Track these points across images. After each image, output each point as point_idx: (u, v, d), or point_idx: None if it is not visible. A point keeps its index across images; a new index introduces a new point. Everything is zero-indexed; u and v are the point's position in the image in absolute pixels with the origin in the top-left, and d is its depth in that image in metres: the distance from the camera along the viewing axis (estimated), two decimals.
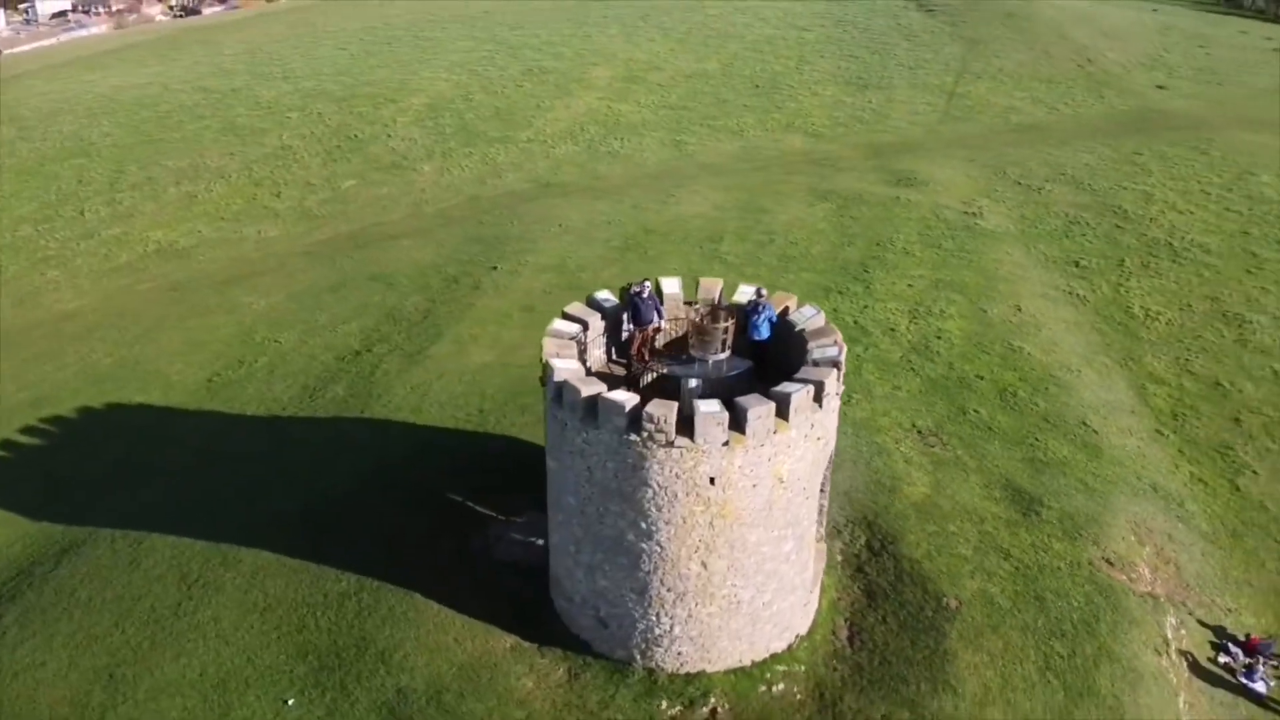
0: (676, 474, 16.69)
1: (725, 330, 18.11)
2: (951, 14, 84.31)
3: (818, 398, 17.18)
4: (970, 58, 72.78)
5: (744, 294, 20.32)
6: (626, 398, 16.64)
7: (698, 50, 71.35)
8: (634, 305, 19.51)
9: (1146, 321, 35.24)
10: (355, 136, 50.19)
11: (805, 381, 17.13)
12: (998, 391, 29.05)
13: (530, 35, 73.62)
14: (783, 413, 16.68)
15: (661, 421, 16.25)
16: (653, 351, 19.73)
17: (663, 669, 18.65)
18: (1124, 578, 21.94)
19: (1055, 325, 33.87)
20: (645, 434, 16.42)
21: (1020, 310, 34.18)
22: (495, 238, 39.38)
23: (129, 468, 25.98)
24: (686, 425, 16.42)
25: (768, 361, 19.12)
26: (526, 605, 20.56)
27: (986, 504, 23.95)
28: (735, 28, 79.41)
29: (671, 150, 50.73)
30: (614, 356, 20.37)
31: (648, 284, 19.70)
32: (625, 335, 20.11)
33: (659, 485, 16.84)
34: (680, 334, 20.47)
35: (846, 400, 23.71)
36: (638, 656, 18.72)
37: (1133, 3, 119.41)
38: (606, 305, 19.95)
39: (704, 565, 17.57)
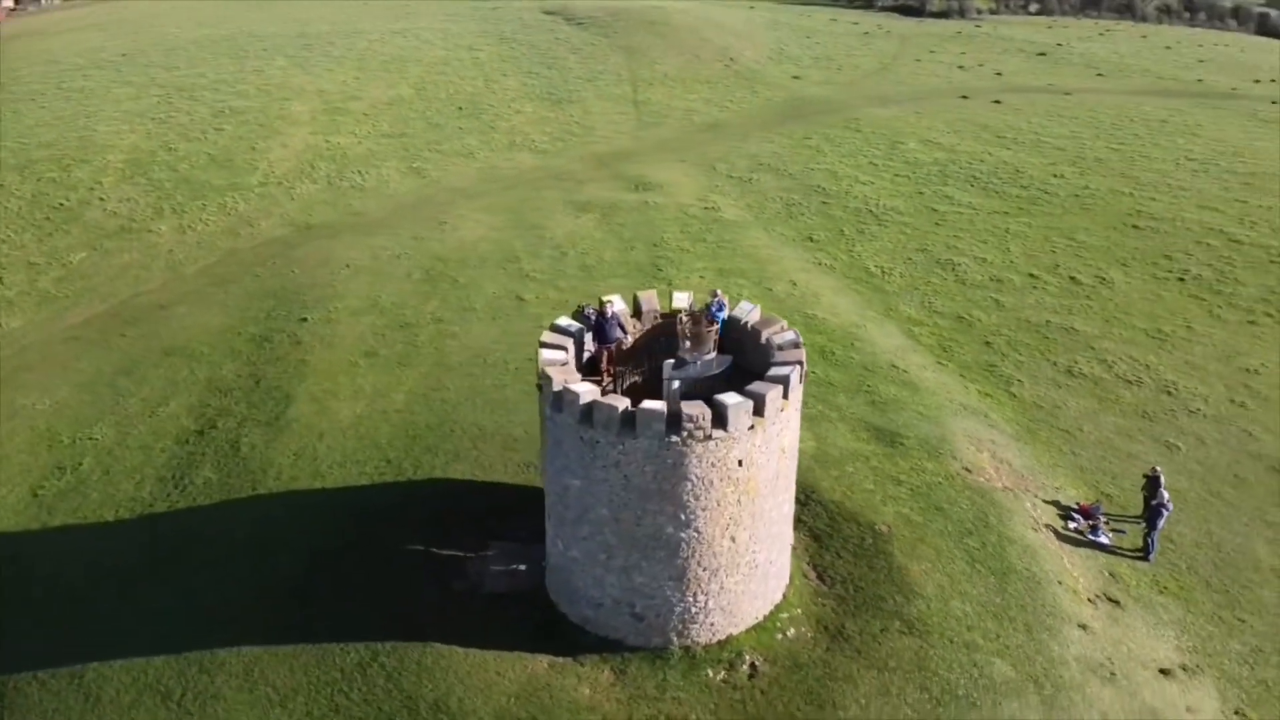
0: (712, 463, 18.76)
1: (715, 332, 20.39)
2: (601, 26, 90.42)
3: (801, 376, 20.03)
4: (634, 66, 78.97)
5: (679, 301, 22.72)
6: (660, 405, 18.41)
7: (381, 76, 70.81)
8: (600, 325, 21.16)
9: (884, 277, 41.97)
10: (61, 204, 44.87)
11: (789, 363, 19.90)
12: (818, 353, 33.60)
13: (194, 75, 68.81)
14: (785, 394, 19.33)
15: (700, 419, 18.25)
16: (620, 363, 21.49)
17: (698, 643, 20.59)
18: (983, 480, 27.14)
19: (826, 292, 39.41)
20: (685, 433, 18.33)
21: (795, 285, 39.32)
22: (283, 289, 37.78)
23: None
24: (717, 419, 18.54)
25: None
26: (540, 626, 21.44)
27: (861, 445, 28.23)
28: (405, 51, 79.47)
29: (415, 178, 50.83)
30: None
31: (611, 306, 21.42)
32: (589, 354, 21.61)
33: (697, 477, 18.81)
34: (630, 345, 22.43)
35: None
36: (674, 638, 20.50)
37: (729, 1, 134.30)
38: (573, 330, 21.32)
39: (733, 539, 19.80)
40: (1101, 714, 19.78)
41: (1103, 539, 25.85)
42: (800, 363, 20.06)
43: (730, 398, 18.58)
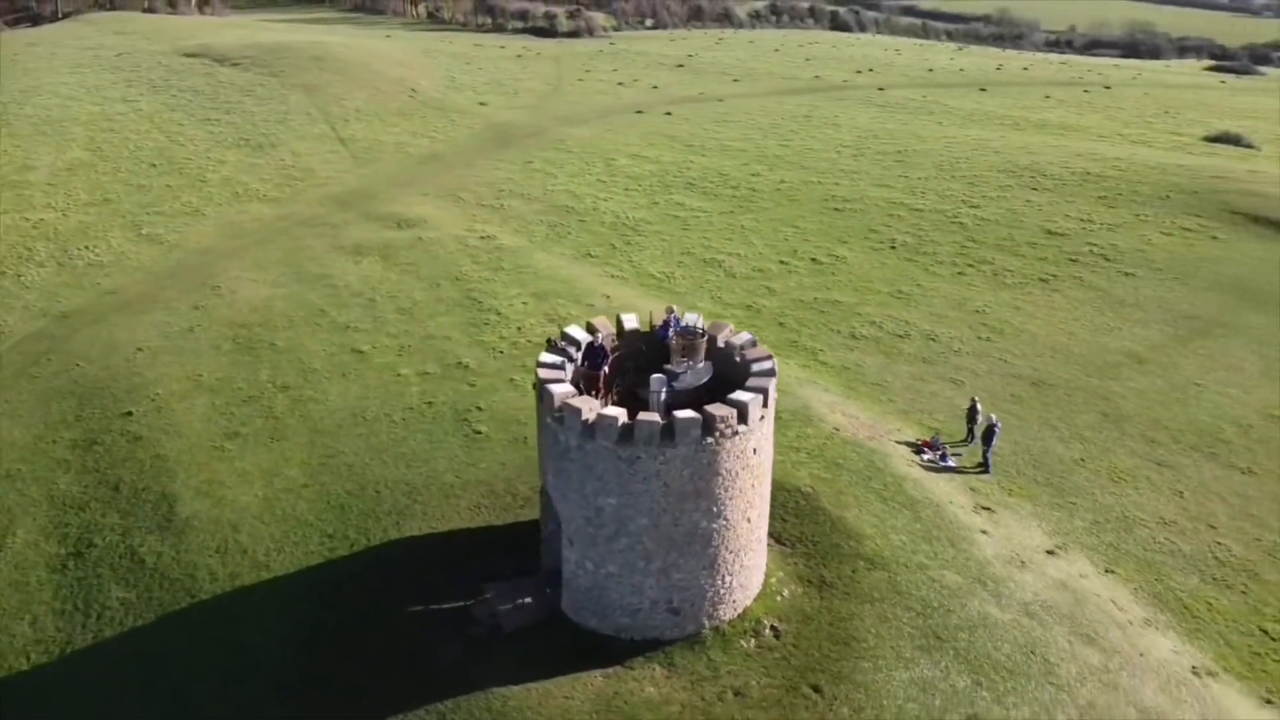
0: (736, 455, 21.13)
1: (705, 342, 22.63)
2: (263, 66, 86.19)
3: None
4: (320, 104, 76.73)
5: (629, 322, 24.73)
6: (692, 413, 20.45)
7: (41, 141, 62.91)
8: (592, 353, 22.69)
9: (671, 281, 45.97)
10: None
11: (766, 358, 22.75)
12: None
13: None
14: (775, 385, 22.17)
15: (729, 419, 20.56)
16: (607, 381, 23.11)
17: (724, 621, 22.82)
18: (851, 435, 31.74)
19: (634, 300, 42.42)
20: (718, 433, 20.54)
21: (609, 298, 41.98)
22: (78, 387, 33.77)
23: None
24: (740, 416, 20.92)
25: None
26: (570, 647, 22.46)
27: None
28: (51, 110, 70.82)
29: (151, 245, 46.62)
30: None
31: (598, 335, 22.99)
32: (573, 377, 22.91)
33: (726, 470, 21.08)
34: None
35: None
36: (705, 622, 22.55)
37: (365, 29, 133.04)
38: (560, 363, 22.55)
39: (748, 520, 22.30)
40: (1034, 594, 24.76)
41: (951, 463, 31.40)
42: (772, 356, 22.97)
43: (745, 395, 21.06)
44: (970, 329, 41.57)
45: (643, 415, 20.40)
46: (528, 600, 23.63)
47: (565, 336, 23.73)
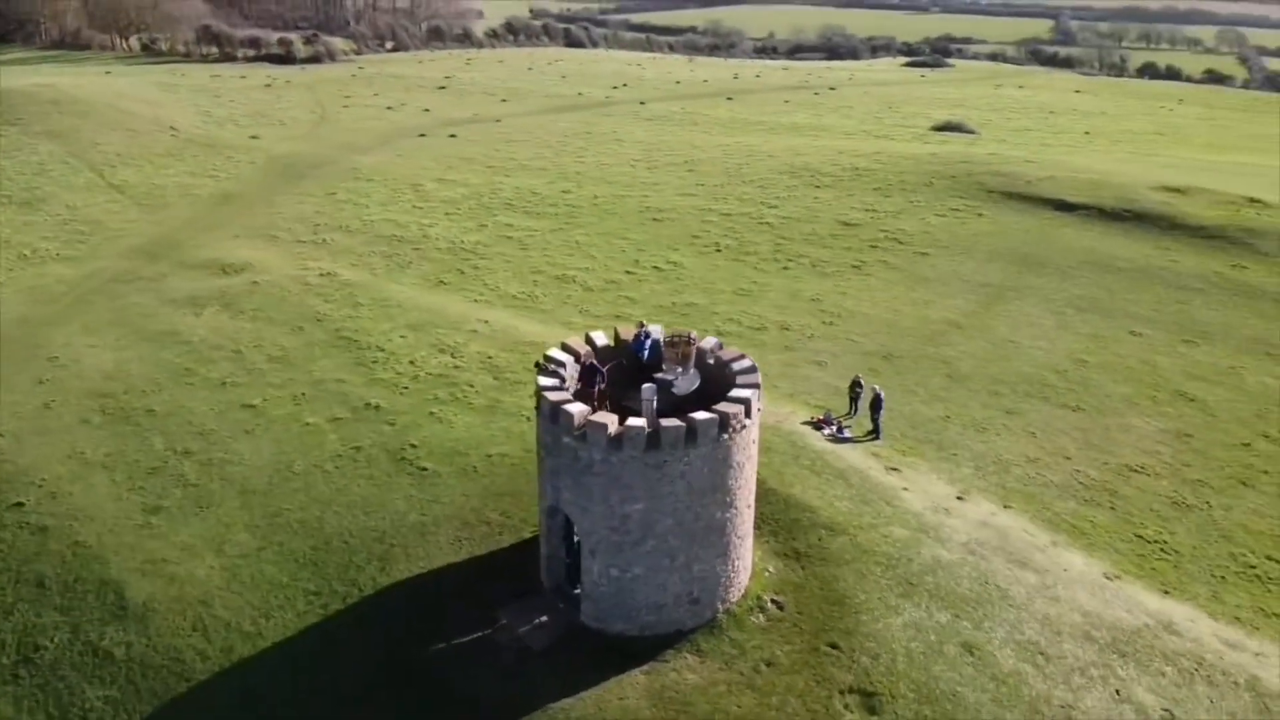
0: (742, 447, 23.11)
1: (695, 350, 24.32)
2: None
3: None
4: (78, 150, 70.43)
5: (599, 339, 26.07)
6: (708, 413, 22.21)
7: None
8: (589, 372, 23.88)
9: (534, 300, 47.00)
10: None
11: (742, 355, 24.90)
12: None
13: None
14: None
15: (740, 416, 22.52)
16: (602, 394, 24.36)
17: (732, 603, 24.74)
18: (765, 421, 34.43)
19: (515, 322, 42.95)
20: (732, 430, 22.44)
21: (488, 322, 42.31)
22: None
23: None
24: (746, 411, 22.92)
25: (646, 368, 25.68)
26: (603, 651, 23.53)
27: None
28: None
29: None
30: None
31: (592, 357, 24.17)
32: (572, 391, 23.97)
33: (736, 463, 23.00)
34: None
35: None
36: (719, 606, 24.33)
37: (78, 67, 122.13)
38: (560, 385, 23.55)
39: (749, 506, 24.35)
40: (967, 534, 28.54)
41: (847, 435, 34.98)
42: (745, 354, 25.15)
43: (746, 392, 23.10)
44: (813, 316, 45.79)
45: (665, 421, 21.90)
46: (544, 618, 24.36)
47: (550, 359, 24.67)
